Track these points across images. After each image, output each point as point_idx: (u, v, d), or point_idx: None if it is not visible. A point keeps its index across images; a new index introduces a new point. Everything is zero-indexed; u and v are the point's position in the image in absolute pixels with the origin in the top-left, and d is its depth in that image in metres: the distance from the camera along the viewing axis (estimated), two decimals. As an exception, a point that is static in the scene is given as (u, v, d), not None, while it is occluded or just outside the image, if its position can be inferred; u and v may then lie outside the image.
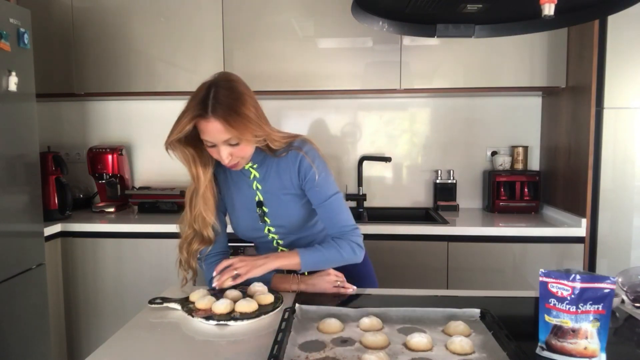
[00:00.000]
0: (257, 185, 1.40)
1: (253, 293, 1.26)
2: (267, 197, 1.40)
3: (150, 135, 2.93)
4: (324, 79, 2.51)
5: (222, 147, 1.25)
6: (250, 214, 1.43)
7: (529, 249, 2.26)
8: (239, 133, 1.22)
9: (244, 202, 1.43)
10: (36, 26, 2.18)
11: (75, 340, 2.46)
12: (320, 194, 1.37)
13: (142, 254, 2.38)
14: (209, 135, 1.24)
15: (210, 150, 1.29)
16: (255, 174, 1.40)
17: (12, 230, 1.99)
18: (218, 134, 1.23)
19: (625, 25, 2.13)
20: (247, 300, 1.19)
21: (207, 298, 1.21)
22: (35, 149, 2.13)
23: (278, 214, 1.42)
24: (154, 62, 2.57)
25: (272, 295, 1.26)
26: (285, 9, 2.49)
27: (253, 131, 1.25)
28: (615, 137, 2.18)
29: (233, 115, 1.21)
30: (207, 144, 1.27)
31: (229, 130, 1.22)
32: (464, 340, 0.96)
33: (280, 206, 1.41)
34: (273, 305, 1.22)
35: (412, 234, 2.29)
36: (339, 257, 1.35)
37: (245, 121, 1.22)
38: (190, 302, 1.24)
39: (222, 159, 1.28)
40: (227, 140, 1.24)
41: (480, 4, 1.25)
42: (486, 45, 2.44)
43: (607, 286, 0.90)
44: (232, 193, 1.44)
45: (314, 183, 1.36)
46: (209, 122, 1.22)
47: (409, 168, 2.88)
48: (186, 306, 1.21)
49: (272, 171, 1.39)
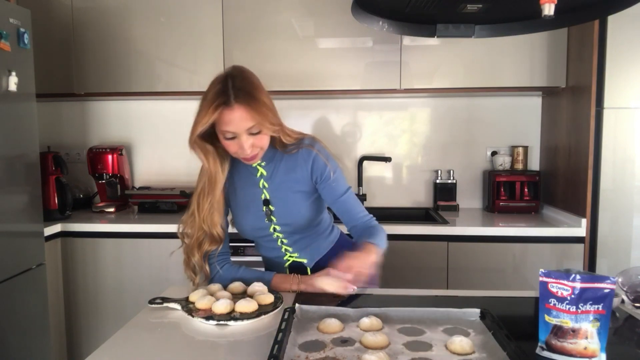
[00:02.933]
0: (264, 183, 1.40)
1: (253, 293, 1.26)
2: (274, 195, 1.40)
3: (150, 135, 2.93)
4: (323, 79, 2.51)
5: (244, 136, 1.25)
6: (256, 212, 1.42)
7: (529, 249, 2.26)
8: (261, 119, 1.24)
9: (250, 200, 1.42)
10: (36, 26, 2.18)
11: (75, 340, 2.46)
12: (336, 190, 1.39)
13: (142, 254, 2.38)
14: (232, 124, 1.23)
15: (229, 143, 1.27)
16: (262, 172, 1.39)
17: (12, 230, 1.99)
18: (242, 121, 1.23)
19: (625, 25, 2.13)
20: (247, 300, 1.19)
21: (207, 298, 1.21)
22: (35, 149, 2.13)
23: (285, 212, 1.41)
24: (154, 62, 2.57)
25: (272, 295, 1.25)
26: (285, 9, 2.49)
27: (271, 118, 1.27)
28: (615, 137, 2.18)
29: (254, 101, 1.23)
30: (227, 136, 1.26)
31: (253, 117, 1.23)
32: (464, 340, 0.96)
33: (287, 204, 1.40)
34: (273, 305, 1.21)
35: (412, 234, 2.28)
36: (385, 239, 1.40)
37: (264, 108, 1.24)
38: (190, 302, 1.23)
39: (244, 150, 1.26)
40: (250, 129, 1.24)
41: (480, 4, 1.25)
42: (486, 45, 2.44)
43: (607, 286, 0.90)
44: (237, 192, 1.43)
45: (330, 180, 1.38)
46: (233, 109, 1.22)
47: (409, 168, 2.88)
48: (186, 306, 1.21)
49: (280, 169, 1.39)
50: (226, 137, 1.27)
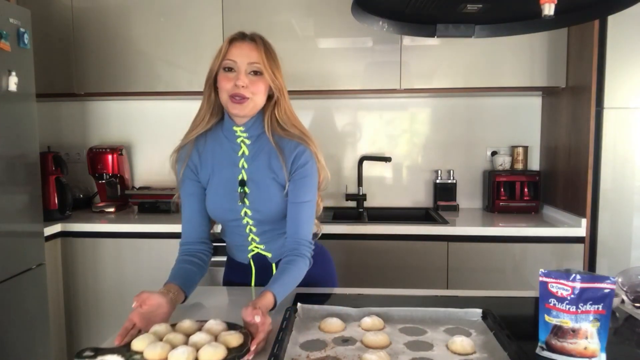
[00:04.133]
0: (244, 163, 1.36)
1: (216, 333, 1.00)
2: (252, 177, 1.35)
3: (150, 135, 2.93)
4: (323, 79, 2.51)
5: (243, 71, 1.28)
6: (230, 192, 1.36)
7: (529, 249, 2.26)
8: (266, 60, 1.29)
9: (226, 179, 1.37)
10: (36, 26, 2.17)
11: (75, 340, 2.46)
12: (300, 192, 1.34)
13: (142, 254, 2.38)
14: (236, 54, 1.28)
15: (225, 76, 1.29)
16: (245, 150, 1.36)
17: (12, 230, 1.99)
18: (249, 51, 1.28)
19: (625, 25, 2.13)
20: (212, 345, 0.93)
21: (159, 346, 0.92)
22: (35, 149, 2.13)
23: (259, 198, 1.36)
24: (154, 62, 2.57)
25: (239, 333, 1.00)
26: (285, 9, 2.49)
27: (274, 69, 1.32)
28: (615, 137, 2.18)
29: (267, 46, 1.32)
30: (227, 66, 1.29)
31: (259, 54, 1.29)
32: (465, 340, 0.97)
33: (262, 189, 1.35)
34: (243, 347, 0.97)
35: (412, 234, 2.29)
36: (299, 280, 1.29)
37: (272, 56, 1.33)
38: (134, 352, 0.94)
39: (239, 83, 1.27)
40: (252, 64, 1.28)
41: (480, 4, 1.25)
42: (486, 45, 2.44)
43: (607, 286, 0.90)
44: (215, 170, 1.38)
45: (301, 177, 1.33)
46: (244, 42, 1.30)
47: (409, 168, 2.88)
48: (130, 358, 0.92)
49: (264, 151, 1.35)
50: (225, 69, 1.29)
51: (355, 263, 2.28)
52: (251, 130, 1.35)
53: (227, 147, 1.37)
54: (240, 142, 1.36)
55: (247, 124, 1.35)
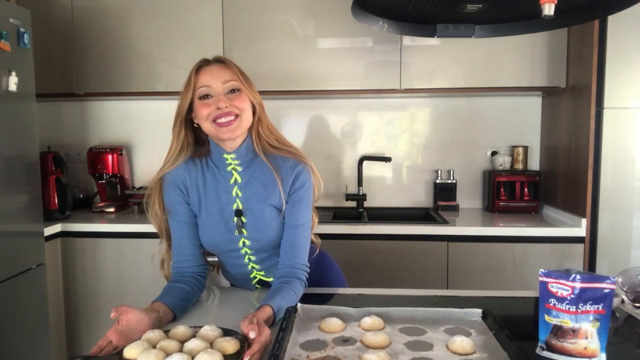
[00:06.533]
0: (237, 191, 1.30)
1: (211, 340, 0.98)
2: (248, 206, 1.29)
3: (150, 135, 2.92)
4: (324, 79, 2.51)
5: (220, 92, 1.23)
6: (226, 223, 1.30)
7: (529, 249, 2.26)
8: (239, 76, 1.25)
9: (220, 209, 1.30)
10: (36, 26, 2.18)
11: (75, 340, 2.46)
12: (297, 215, 1.29)
13: (142, 254, 2.38)
14: (208, 78, 1.23)
15: (203, 104, 1.23)
16: (237, 178, 1.30)
17: (12, 230, 1.99)
18: (220, 72, 1.24)
19: (625, 25, 2.13)
20: (208, 352, 0.90)
21: (153, 354, 0.89)
22: (35, 149, 2.13)
23: (257, 226, 1.30)
24: (154, 62, 2.57)
25: (235, 339, 0.97)
26: (285, 9, 2.49)
27: (252, 86, 1.28)
28: (615, 137, 2.18)
29: (233, 64, 1.27)
30: (202, 93, 1.24)
31: (231, 71, 1.25)
32: (465, 340, 0.96)
33: (259, 218, 1.29)
34: (240, 352, 0.94)
35: (412, 234, 2.29)
36: (296, 300, 1.22)
37: (243, 73, 1.28)
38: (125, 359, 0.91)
39: (220, 105, 1.21)
40: (227, 83, 1.24)
41: (480, 4, 1.25)
42: (486, 45, 2.44)
43: (607, 286, 0.90)
44: (208, 200, 1.31)
45: (299, 200, 1.29)
46: (211, 65, 1.26)
47: (409, 168, 2.88)
48: None
49: (257, 177, 1.29)
50: (201, 97, 1.24)
51: (355, 263, 2.28)
52: (243, 155, 1.30)
53: (217, 175, 1.31)
54: (231, 170, 1.30)
55: (239, 150, 1.29)
